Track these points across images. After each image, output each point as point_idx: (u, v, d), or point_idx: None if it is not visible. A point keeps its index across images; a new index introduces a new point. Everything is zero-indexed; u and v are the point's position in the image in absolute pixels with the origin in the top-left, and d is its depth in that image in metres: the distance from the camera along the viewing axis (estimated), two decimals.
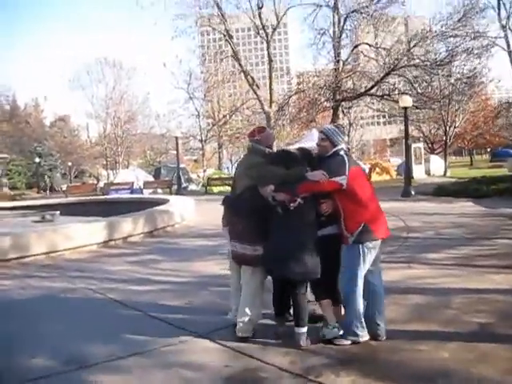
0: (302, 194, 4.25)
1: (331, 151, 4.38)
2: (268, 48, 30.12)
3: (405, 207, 14.55)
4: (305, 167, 4.39)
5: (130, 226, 11.15)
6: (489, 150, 75.66)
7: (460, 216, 12.40)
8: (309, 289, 4.54)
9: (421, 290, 5.92)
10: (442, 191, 18.57)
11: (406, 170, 19.19)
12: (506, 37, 20.08)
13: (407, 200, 17.25)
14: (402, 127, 51.20)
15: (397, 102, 28.60)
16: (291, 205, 4.25)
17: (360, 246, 4.24)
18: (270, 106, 30.96)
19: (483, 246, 8.52)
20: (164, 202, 15.05)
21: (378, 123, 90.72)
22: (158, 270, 7.93)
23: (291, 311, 4.62)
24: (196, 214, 14.89)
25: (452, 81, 24.79)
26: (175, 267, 8.01)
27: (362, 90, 27.96)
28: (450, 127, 36.66)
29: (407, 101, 18.90)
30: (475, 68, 23.74)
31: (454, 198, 16.69)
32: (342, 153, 4.37)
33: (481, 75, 24.35)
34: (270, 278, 4.70)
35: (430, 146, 49.17)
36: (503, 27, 20.01)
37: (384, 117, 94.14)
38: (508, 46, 20.11)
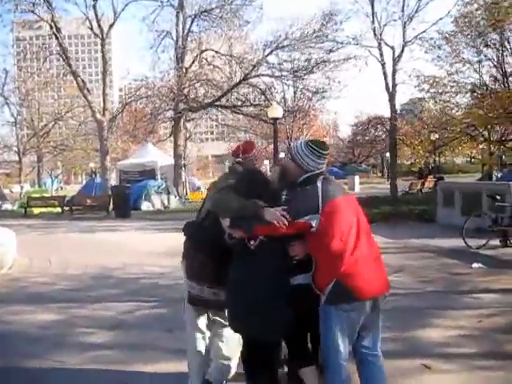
0: (259, 235, 3.21)
1: (301, 178, 3.23)
2: (103, 47, 26.16)
3: None
4: (277, 196, 3.28)
5: None
6: None
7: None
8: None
9: None
10: None
11: None
12: (379, 46, 19.13)
13: None
14: (233, 143, 50.78)
15: (246, 115, 27.15)
16: (251, 243, 3.24)
17: (333, 308, 3.14)
18: (104, 115, 26.88)
19: (474, 308, 6.06)
20: None
21: (207, 139, 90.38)
22: None
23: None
24: (20, 253, 10.35)
25: (307, 94, 23.82)
26: None
27: (210, 100, 25.89)
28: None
29: (276, 111, 16.71)
30: (333, 80, 22.81)
31: None
32: (317, 181, 3.20)
33: (336, 89, 23.45)
34: None
35: None
36: (375, 35, 19.09)
37: (212, 133, 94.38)
38: (381, 56, 19.20)
